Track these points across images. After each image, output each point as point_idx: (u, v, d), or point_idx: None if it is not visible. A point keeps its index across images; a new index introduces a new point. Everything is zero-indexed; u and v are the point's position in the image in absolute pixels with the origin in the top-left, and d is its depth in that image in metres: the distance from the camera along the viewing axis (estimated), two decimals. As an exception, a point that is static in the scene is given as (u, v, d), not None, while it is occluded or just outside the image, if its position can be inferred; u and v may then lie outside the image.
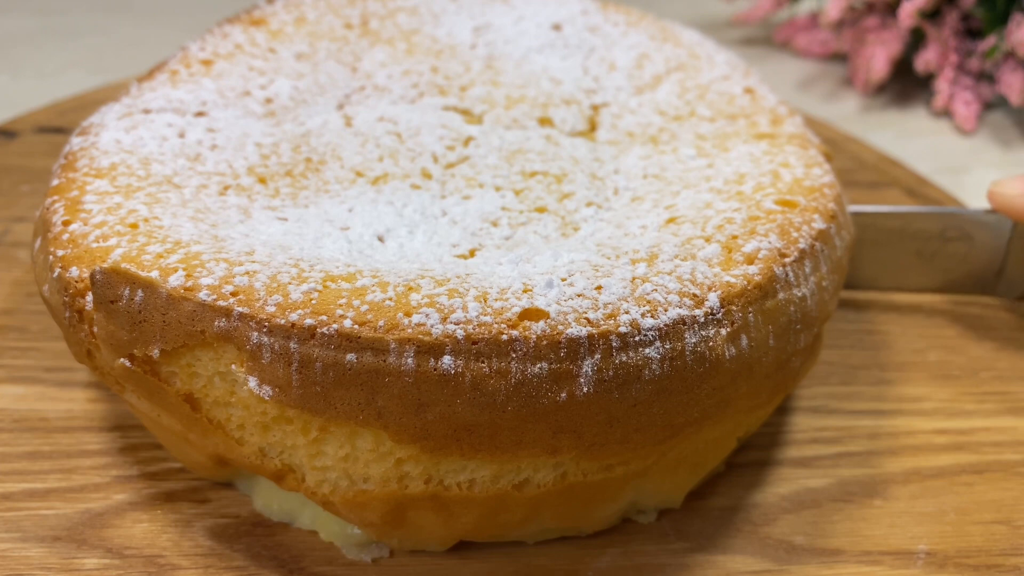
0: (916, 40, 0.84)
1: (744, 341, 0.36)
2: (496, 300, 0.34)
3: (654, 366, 0.34)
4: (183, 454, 0.41)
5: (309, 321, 0.32)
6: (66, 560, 0.39)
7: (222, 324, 0.33)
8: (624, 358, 0.33)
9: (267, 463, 0.36)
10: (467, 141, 0.48)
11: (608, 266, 0.36)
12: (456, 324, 0.33)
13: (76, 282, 0.36)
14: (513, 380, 0.32)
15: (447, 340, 0.32)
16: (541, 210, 0.44)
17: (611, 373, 0.33)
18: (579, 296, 0.34)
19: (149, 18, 0.95)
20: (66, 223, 0.39)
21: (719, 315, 0.35)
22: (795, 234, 0.39)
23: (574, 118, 0.52)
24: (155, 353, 0.34)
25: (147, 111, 0.48)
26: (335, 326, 0.32)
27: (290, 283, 0.34)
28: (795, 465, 0.45)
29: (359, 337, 0.32)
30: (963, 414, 0.48)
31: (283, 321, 0.32)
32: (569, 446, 0.35)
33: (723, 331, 0.35)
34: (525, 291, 0.34)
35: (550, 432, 0.34)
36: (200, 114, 0.48)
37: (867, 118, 0.83)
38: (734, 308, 0.35)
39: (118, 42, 0.90)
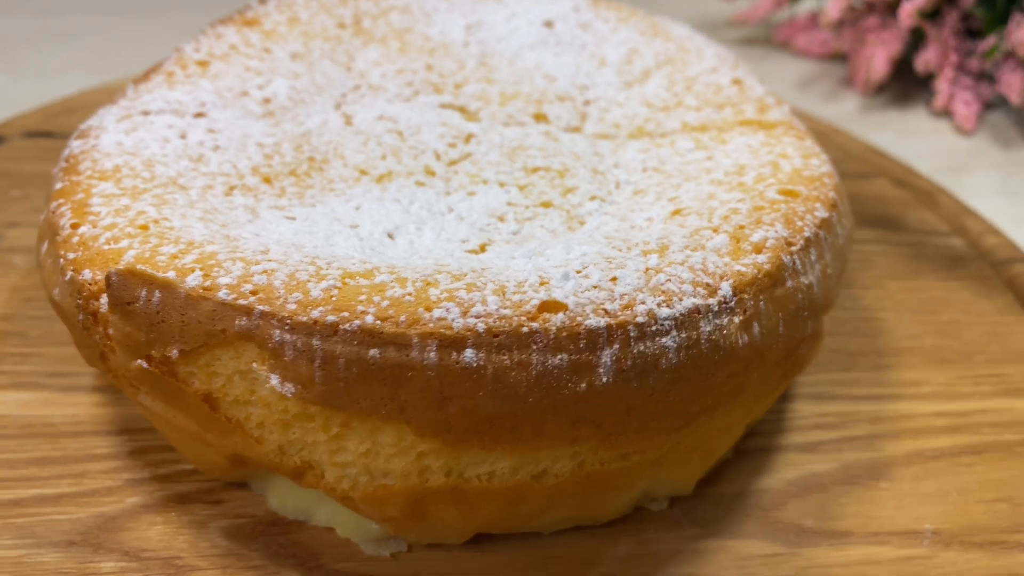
0: (916, 40, 0.85)
1: (756, 329, 0.36)
2: (514, 293, 0.34)
3: (671, 355, 0.34)
4: (197, 455, 0.41)
5: (331, 318, 0.33)
6: (82, 564, 0.39)
7: (243, 323, 0.33)
8: (642, 348, 0.34)
9: (286, 461, 0.36)
10: (468, 138, 0.49)
11: (621, 258, 0.37)
12: (476, 318, 0.33)
13: (90, 284, 0.36)
14: (534, 372, 0.33)
15: (468, 334, 0.33)
16: (546, 205, 0.44)
17: (629, 363, 0.34)
18: (595, 288, 0.35)
19: (149, 18, 0.95)
20: (74, 226, 0.39)
21: (732, 304, 0.36)
22: (800, 223, 0.40)
23: (568, 114, 0.52)
24: (174, 354, 0.34)
25: (146, 113, 0.48)
26: (357, 322, 0.32)
27: (309, 280, 0.34)
28: (800, 450, 0.46)
29: (382, 332, 0.32)
30: (960, 397, 0.49)
31: (305, 318, 0.33)
32: (588, 436, 0.35)
33: (736, 319, 0.36)
34: (542, 284, 0.35)
35: (570, 422, 0.34)
36: (199, 115, 0.48)
37: (867, 118, 0.83)
38: (746, 296, 0.36)
39: (117, 42, 0.91)
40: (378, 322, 0.33)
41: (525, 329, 0.33)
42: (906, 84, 0.87)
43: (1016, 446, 0.47)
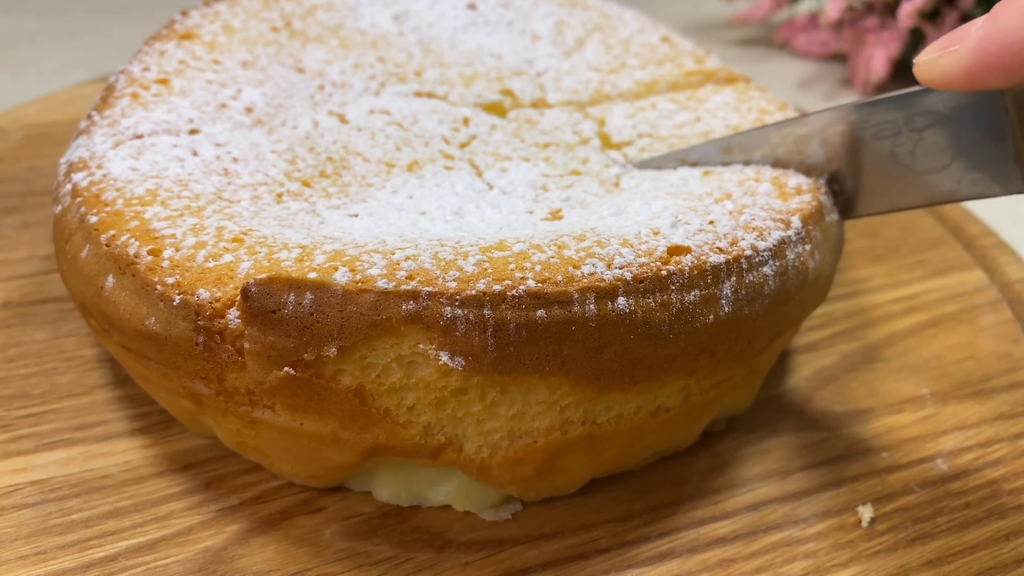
0: (916, 40, 0.85)
1: (817, 255, 0.42)
2: (641, 243, 0.37)
3: (771, 282, 0.39)
4: (309, 461, 0.40)
5: (497, 287, 0.34)
6: (218, 598, 0.38)
7: (410, 307, 0.34)
8: (751, 277, 0.38)
9: (429, 441, 0.37)
10: (466, 121, 0.50)
11: (701, 206, 0.41)
12: (621, 268, 0.36)
13: (211, 303, 0.35)
14: (674, 310, 0.36)
15: (618, 283, 0.35)
16: (576, 173, 0.47)
17: (743, 292, 0.38)
18: (701, 231, 0.38)
19: (149, 19, 0.93)
20: (153, 252, 0.37)
21: (803, 234, 0.41)
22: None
23: (530, 87, 0.55)
24: (332, 352, 0.34)
25: (138, 136, 0.45)
26: (522, 287, 0.34)
27: (456, 259, 0.35)
28: (804, 351, 0.53)
29: (546, 293, 0.34)
30: (903, 284, 0.58)
31: (473, 292, 0.34)
32: (703, 366, 0.39)
33: (807, 247, 0.41)
34: (655, 233, 0.38)
35: (693, 354, 0.38)
36: (193, 131, 0.46)
37: (866, 118, 0.84)
38: (810, 227, 0.41)
39: (117, 42, 0.89)
40: (539, 284, 0.34)
41: (664, 272, 0.36)
42: (906, 84, 0.86)
43: (960, 314, 0.56)
